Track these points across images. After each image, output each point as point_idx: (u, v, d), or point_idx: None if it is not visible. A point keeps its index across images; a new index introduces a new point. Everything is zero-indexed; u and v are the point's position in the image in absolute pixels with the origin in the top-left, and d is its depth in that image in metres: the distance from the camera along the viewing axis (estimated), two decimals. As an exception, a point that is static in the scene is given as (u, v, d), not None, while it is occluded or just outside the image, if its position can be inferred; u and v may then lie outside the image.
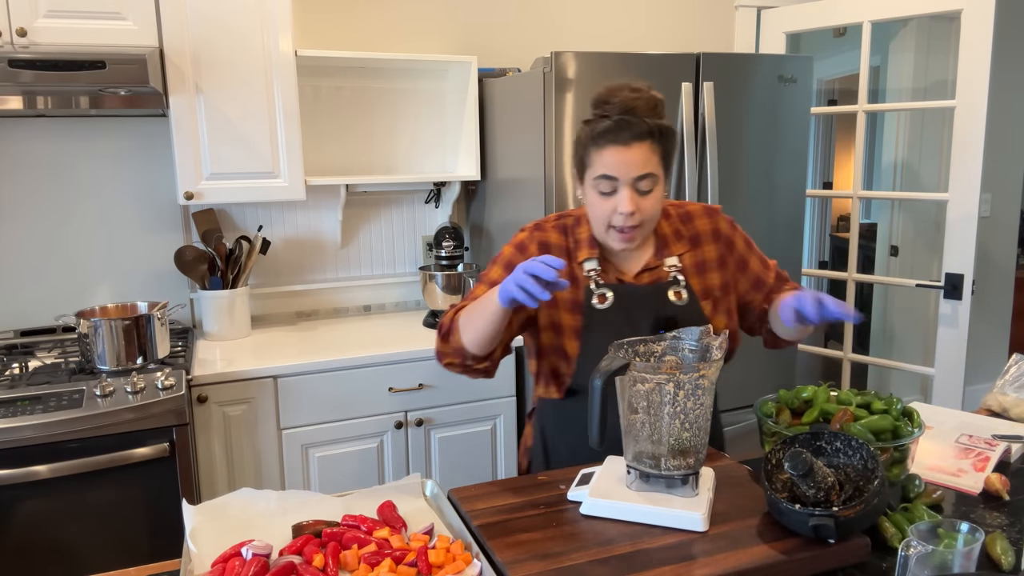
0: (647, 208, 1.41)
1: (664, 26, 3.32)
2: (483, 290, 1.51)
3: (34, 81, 2.07)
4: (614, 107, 1.39)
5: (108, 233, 2.66)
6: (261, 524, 1.21)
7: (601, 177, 1.40)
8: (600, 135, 1.39)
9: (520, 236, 1.57)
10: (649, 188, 1.40)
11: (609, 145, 1.38)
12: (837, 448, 1.23)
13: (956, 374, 2.98)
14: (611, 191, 1.40)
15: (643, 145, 1.38)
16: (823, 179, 8.04)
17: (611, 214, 1.41)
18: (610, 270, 1.51)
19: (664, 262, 1.51)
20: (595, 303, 1.48)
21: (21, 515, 2.00)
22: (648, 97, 1.40)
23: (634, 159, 1.38)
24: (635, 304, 1.48)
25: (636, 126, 1.37)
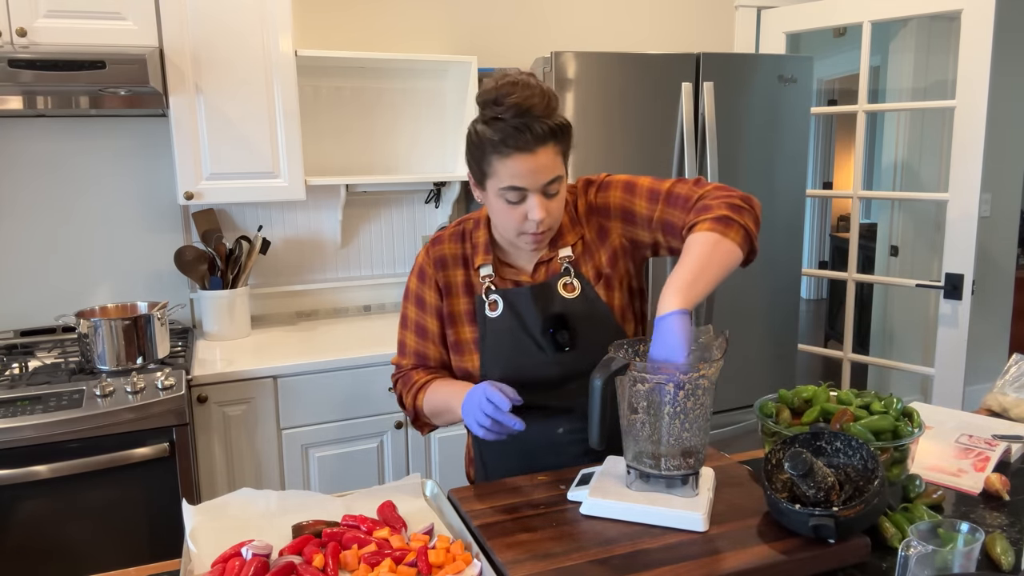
0: (555, 209, 1.37)
1: (664, 26, 3.32)
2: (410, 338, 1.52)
3: (34, 81, 2.07)
4: (508, 108, 1.30)
5: (108, 233, 2.66)
6: (261, 524, 1.21)
7: (508, 188, 1.33)
8: (502, 142, 1.30)
9: (418, 260, 1.53)
10: (556, 191, 1.36)
11: (514, 153, 1.30)
12: (837, 448, 1.23)
13: (956, 374, 2.98)
14: (519, 200, 1.34)
15: (547, 149, 1.31)
16: (823, 179, 8.05)
17: (521, 221, 1.36)
18: (507, 273, 1.47)
19: (557, 254, 1.45)
20: (488, 311, 1.44)
21: (21, 515, 2.00)
22: (541, 92, 1.32)
23: (541, 165, 1.31)
24: (525, 306, 1.43)
25: (537, 128, 1.29)
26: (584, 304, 1.44)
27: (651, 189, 1.43)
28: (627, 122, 2.43)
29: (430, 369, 1.52)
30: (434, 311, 1.50)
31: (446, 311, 1.49)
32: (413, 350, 1.53)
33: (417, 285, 1.52)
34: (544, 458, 1.46)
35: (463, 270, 1.49)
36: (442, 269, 1.49)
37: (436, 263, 1.50)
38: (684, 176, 2.50)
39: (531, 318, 1.42)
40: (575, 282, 1.44)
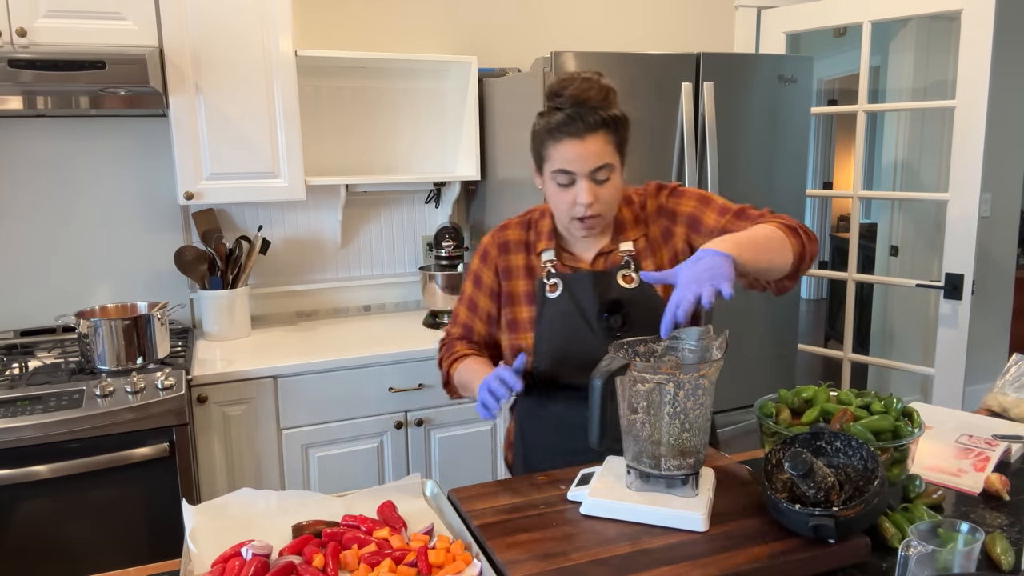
0: (605, 197, 1.44)
1: (664, 26, 3.32)
2: (463, 311, 1.65)
3: (34, 81, 2.07)
4: (566, 99, 1.41)
5: (108, 233, 2.66)
6: (261, 524, 1.21)
7: (558, 171, 1.43)
8: (556, 128, 1.41)
9: (483, 242, 1.64)
10: (606, 177, 1.43)
11: (565, 139, 1.40)
12: (837, 448, 1.23)
13: (956, 374, 2.98)
14: (569, 183, 1.43)
15: (598, 136, 1.40)
16: (823, 179, 8.05)
17: (571, 206, 1.44)
18: (567, 259, 1.55)
19: (618, 247, 1.53)
20: (547, 293, 1.53)
21: (21, 515, 2.00)
22: (600, 87, 1.43)
23: (589, 151, 1.40)
24: (583, 290, 1.50)
25: (589, 117, 1.40)
26: (640, 296, 1.50)
27: (723, 205, 1.52)
28: (627, 122, 2.43)
29: (472, 343, 1.64)
30: (488, 291, 1.61)
31: (505, 291, 1.59)
32: (462, 322, 1.65)
33: (478, 265, 1.63)
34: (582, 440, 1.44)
35: (524, 254, 1.58)
36: (504, 253, 1.59)
37: (499, 247, 1.61)
38: (684, 176, 2.50)
39: (588, 302, 1.50)
40: (634, 275, 1.51)
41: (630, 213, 1.55)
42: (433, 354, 2.48)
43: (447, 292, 2.74)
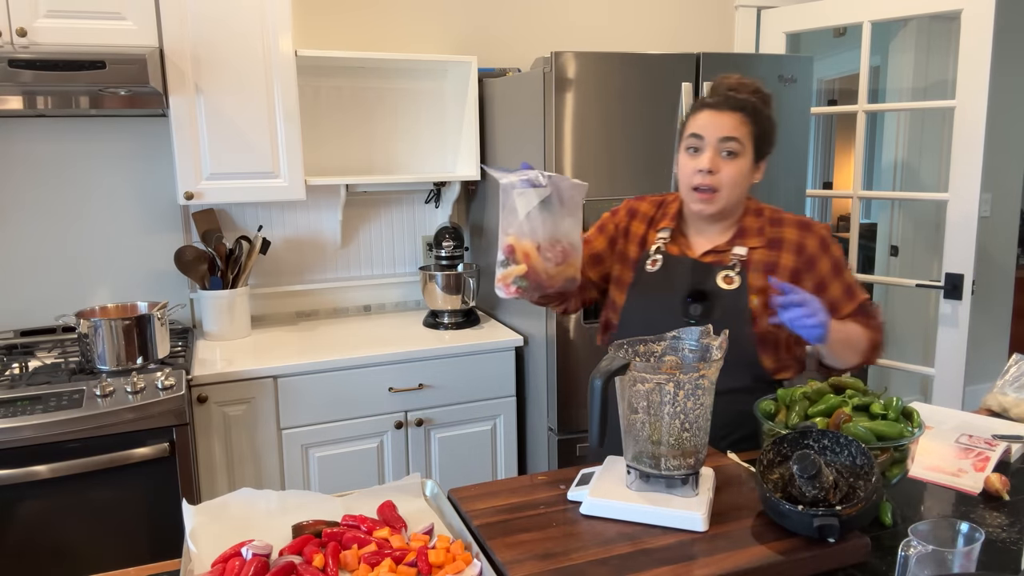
0: (727, 173, 1.50)
1: (664, 26, 3.32)
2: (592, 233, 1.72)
3: (34, 81, 2.07)
4: (721, 87, 1.56)
5: (108, 233, 2.66)
6: (261, 524, 1.21)
7: (691, 136, 1.52)
8: (701, 102, 1.54)
9: (626, 201, 1.74)
10: (733, 151, 1.50)
11: (704, 109, 1.52)
12: (825, 446, 1.23)
13: (956, 374, 2.98)
14: (696, 149, 1.51)
15: (735, 114, 1.50)
16: (823, 179, 8.04)
17: (693, 172, 1.51)
18: (680, 243, 1.62)
19: (732, 249, 1.57)
20: (647, 266, 1.61)
21: (21, 515, 2.00)
22: (755, 85, 1.56)
23: (722, 122, 1.49)
24: (680, 274, 1.57)
25: (731, 98, 1.51)
26: (732, 299, 1.53)
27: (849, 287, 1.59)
28: (627, 122, 2.43)
29: None
30: (608, 235, 1.69)
31: (619, 249, 1.68)
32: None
33: (608, 216, 1.74)
34: None
35: (645, 227, 1.67)
36: (630, 218, 1.69)
37: (629, 211, 1.71)
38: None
39: (678, 285, 1.56)
40: (736, 278, 1.54)
41: (755, 223, 1.59)
42: (433, 354, 2.49)
43: (447, 292, 2.74)
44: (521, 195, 1.40)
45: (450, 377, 2.51)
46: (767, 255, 1.56)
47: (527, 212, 1.39)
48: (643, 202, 1.71)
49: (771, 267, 1.56)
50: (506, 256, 1.41)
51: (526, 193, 1.40)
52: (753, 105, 1.52)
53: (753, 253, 1.56)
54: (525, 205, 1.39)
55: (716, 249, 1.58)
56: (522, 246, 1.40)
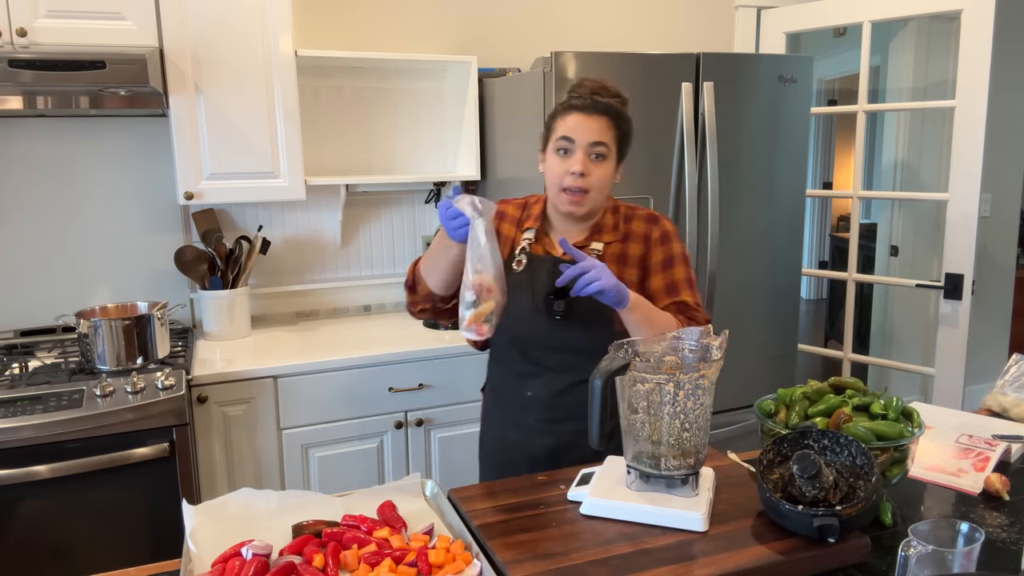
0: (596, 175, 1.56)
1: (664, 26, 3.32)
2: None
3: (34, 81, 2.07)
4: (584, 89, 1.59)
5: (108, 233, 2.66)
6: (261, 524, 1.21)
7: (561, 138, 1.56)
8: (568, 105, 1.58)
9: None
10: (601, 155, 1.55)
11: (573, 112, 1.56)
12: (825, 446, 1.23)
13: (956, 374, 2.98)
14: (566, 151, 1.55)
15: (603, 119, 1.55)
16: (823, 179, 8.04)
17: (564, 174, 1.55)
18: (544, 243, 1.66)
19: (589, 245, 1.62)
20: (513, 266, 1.63)
21: (21, 515, 2.00)
22: (615, 90, 1.61)
23: (592, 126, 1.54)
24: (543, 273, 1.61)
25: (599, 102, 1.57)
26: None
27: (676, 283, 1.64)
28: (627, 122, 2.43)
29: None
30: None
31: None
32: None
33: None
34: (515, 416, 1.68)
35: (514, 228, 1.70)
36: (499, 219, 1.72)
37: (497, 215, 1.71)
38: (684, 176, 2.50)
39: (541, 284, 1.60)
40: None
41: (612, 220, 1.66)
42: (433, 354, 2.49)
43: (447, 292, 2.74)
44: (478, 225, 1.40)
45: (450, 377, 2.51)
46: (619, 247, 1.63)
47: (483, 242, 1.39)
48: (509, 205, 1.74)
49: (623, 258, 1.62)
50: (476, 295, 1.38)
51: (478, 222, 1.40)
52: (618, 110, 1.58)
53: (608, 247, 1.62)
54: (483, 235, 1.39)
55: (576, 245, 1.62)
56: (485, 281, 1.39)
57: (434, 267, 1.60)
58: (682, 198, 2.52)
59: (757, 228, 2.68)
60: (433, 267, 1.60)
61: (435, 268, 1.60)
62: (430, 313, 1.69)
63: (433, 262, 1.60)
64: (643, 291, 1.63)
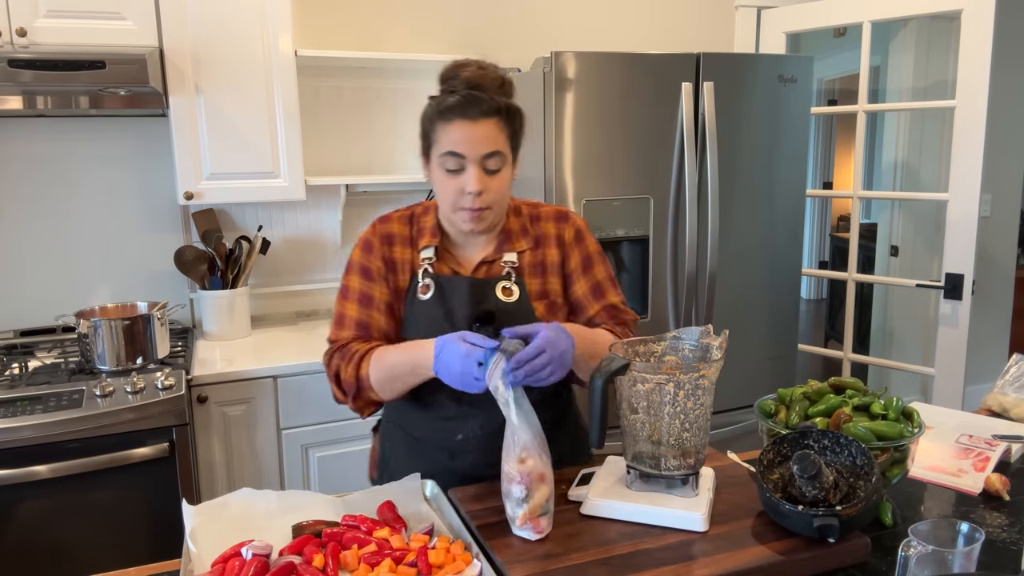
0: (495, 188, 1.37)
1: (664, 26, 3.32)
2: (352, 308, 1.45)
3: (34, 81, 2.07)
4: (460, 82, 1.37)
5: (108, 233, 2.66)
6: (261, 524, 1.21)
7: (448, 154, 1.35)
8: (447, 109, 1.35)
9: (364, 234, 1.50)
10: (497, 167, 1.37)
11: (456, 119, 1.34)
12: (825, 446, 1.23)
13: (956, 374, 2.98)
14: (458, 168, 1.36)
15: (490, 122, 1.35)
16: (823, 179, 8.05)
17: (459, 194, 1.37)
18: (448, 260, 1.47)
19: (501, 257, 1.46)
20: (419, 294, 1.44)
21: (21, 515, 2.00)
22: (495, 75, 1.39)
23: (481, 135, 1.34)
24: (457, 296, 1.42)
25: (483, 102, 1.34)
26: (517, 311, 1.43)
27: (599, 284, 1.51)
28: (627, 122, 2.43)
29: (371, 340, 1.45)
30: (382, 280, 1.46)
31: (392, 287, 1.47)
32: (355, 320, 1.45)
33: (362, 256, 1.48)
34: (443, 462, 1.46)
35: (409, 249, 1.48)
36: (388, 245, 1.48)
37: (383, 238, 1.48)
38: (685, 176, 2.50)
39: (460, 309, 1.41)
40: (515, 288, 1.44)
41: (518, 224, 1.49)
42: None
43: (447, 292, 2.74)
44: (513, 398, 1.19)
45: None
46: (534, 255, 1.48)
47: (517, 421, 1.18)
48: (391, 223, 1.49)
49: (541, 267, 1.48)
50: (526, 487, 1.16)
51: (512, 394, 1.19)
52: (506, 106, 1.37)
53: (523, 257, 1.47)
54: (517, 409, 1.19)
55: (487, 259, 1.46)
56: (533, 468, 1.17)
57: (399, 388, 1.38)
58: (682, 198, 2.53)
59: (757, 228, 2.68)
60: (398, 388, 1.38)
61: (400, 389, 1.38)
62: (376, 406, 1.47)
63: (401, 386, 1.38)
64: (567, 298, 1.50)
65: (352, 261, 1.50)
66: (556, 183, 2.38)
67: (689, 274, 2.54)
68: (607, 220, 2.45)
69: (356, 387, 1.40)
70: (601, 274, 1.52)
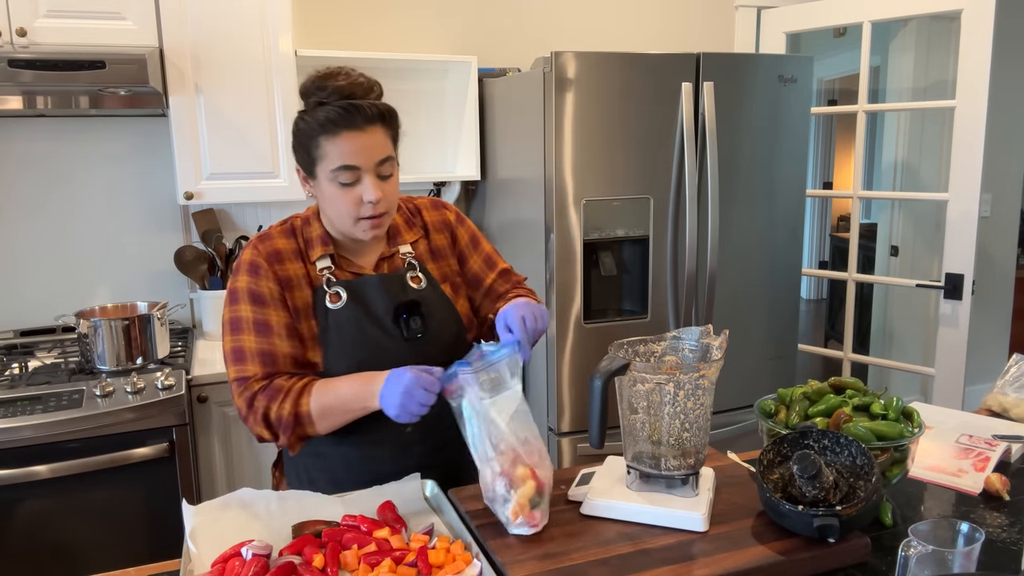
0: (390, 192, 1.38)
1: (664, 26, 3.32)
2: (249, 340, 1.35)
3: (34, 81, 2.07)
4: (332, 93, 1.34)
5: (108, 233, 2.66)
6: (261, 524, 1.21)
7: (341, 168, 1.32)
8: (330, 123, 1.31)
9: (247, 256, 1.41)
10: (390, 172, 1.37)
11: (343, 131, 1.31)
12: (825, 446, 1.23)
13: (956, 374, 2.98)
14: (353, 181, 1.33)
15: (376, 128, 1.34)
16: (823, 179, 8.05)
17: (357, 205, 1.34)
18: (346, 266, 1.44)
19: (399, 250, 1.47)
20: (329, 303, 1.39)
21: (21, 515, 2.00)
22: (366, 80, 1.39)
23: (372, 143, 1.33)
24: (372, 295, 1.41)
25: (364, 110, 1.33)
26: (432, 296, 1.47)
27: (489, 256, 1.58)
28: (627, 122, 2.43)
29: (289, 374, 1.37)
30: (277, 303, 1.38)
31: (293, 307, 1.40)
32: (256, 351, 1.35)
33: (250, 280, 1.38)
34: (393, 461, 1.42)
35: (300, 263, 1.42)
36: (278, 262, 1.40)
37: (269, 257, 1.40)
38: (685, 176, 2.50)
39: (379, 307, 1.40)
40: (421, 276, 1.48)
41: (401, 218, 1.51)
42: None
43: (447, 292, 2.74)
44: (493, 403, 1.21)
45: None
46: (427, 243, 1.51)
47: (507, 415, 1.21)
48: (274, 239, 1.42)
49: (437, 252, 1.51)
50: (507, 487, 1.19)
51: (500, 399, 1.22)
52: (385, 109, 1.37)
53: (417, 246, 1.50)
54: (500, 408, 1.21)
55: (384, 256, 1.47)
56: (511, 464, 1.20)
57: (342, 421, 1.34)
58: (682, 198, 2.52)
59: (757, 228, 2.68)
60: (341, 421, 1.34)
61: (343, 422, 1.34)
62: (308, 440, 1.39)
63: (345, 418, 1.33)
64: (464, 276, 1.54)
65: (238, 288, 1.39)
66: (556, 183, 2.38)
67: (689, 274, 2.53)
68: (607, 220, 2.45)
69: (293, 424, 1.32)
70: (488, 247, 1.59)
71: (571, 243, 2.42)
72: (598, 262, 2.48)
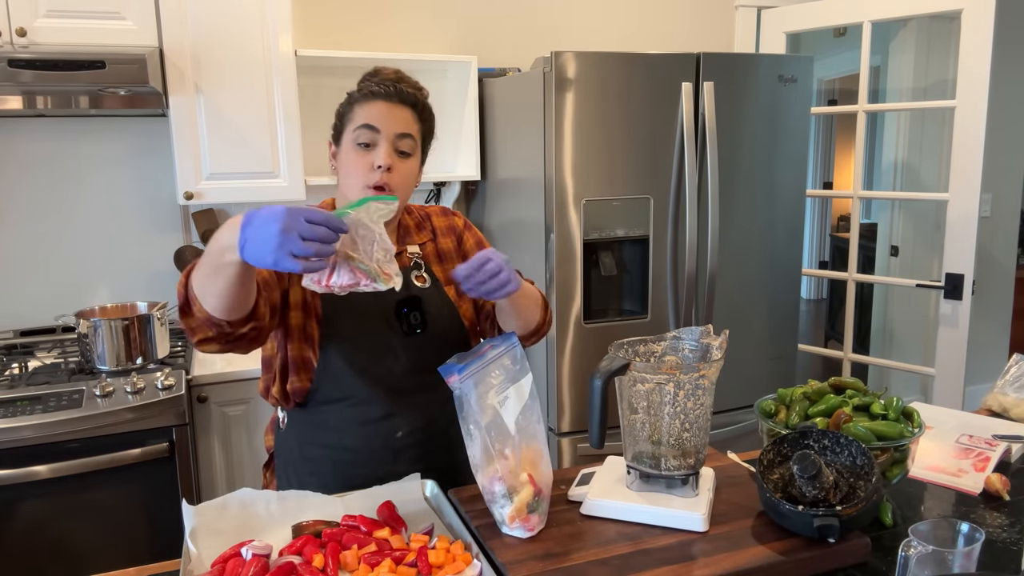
0: (402, 173, 1.38)
1: (664, 26, 3.32)
2: None
3: (34, 81, 2.07)
4: (381, 78, 1.44)
5: (108, 233, 2.66)
6: (261, 524, 1.21)
7: (363, 127, 1.36)
8: (370, 93, 1.40)
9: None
10: (408, 151, 1.39)
11: (376, 100, 1.39)
12: (825, 446, 1.23)
13: (956, 374, 2.98)
14: (370, 143, 1.37)
15: (407, 110, 1.41)
16: (823, 179, 8.05)
17: (368, 170, 1.36)
18: None
19: (406, 249, 1.50)
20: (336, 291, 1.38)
21: (21, 515, 2.00)
22: (412, 80, 1.48)
23: (398, 115, 1.39)
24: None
25: (404, 92, 1.41)
26: (435, 295, 1.48)
27: None
28: (627, 122, 2.43)
29: None
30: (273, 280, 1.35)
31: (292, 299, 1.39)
32: None
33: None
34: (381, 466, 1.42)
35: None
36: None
37: None
38: (684, 176, 2.50)
39: (383, 300, 1.40)
40: (426, 275, 1.50)
41: (412, 221, 1.55)
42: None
43: (447, 292, 2.74)
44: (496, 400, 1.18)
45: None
46: (435, 246, 1.54)
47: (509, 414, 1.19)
48: None
49: (443, 255, 1.54)
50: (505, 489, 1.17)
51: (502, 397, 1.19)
52: (423, 102, 1.44)
53: (425, 248, 1.53)
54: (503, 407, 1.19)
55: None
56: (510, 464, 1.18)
57: (207, 285, 1.15)
58: (682, 198, 2.52)
59: (757, 228, 2.68)
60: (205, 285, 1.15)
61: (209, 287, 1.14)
62: (217, 343, 1.22)
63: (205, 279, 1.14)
64: None
65: None
66: (556, 183, 2.38)
67: (689, 274, 2.53)
68: (607, 220, 2.45)
69: (186, 296, 1.18)
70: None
71: (571, 243, 2.42)
72: (598, 262, 2.48)
